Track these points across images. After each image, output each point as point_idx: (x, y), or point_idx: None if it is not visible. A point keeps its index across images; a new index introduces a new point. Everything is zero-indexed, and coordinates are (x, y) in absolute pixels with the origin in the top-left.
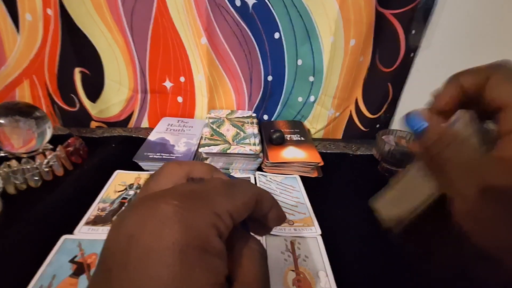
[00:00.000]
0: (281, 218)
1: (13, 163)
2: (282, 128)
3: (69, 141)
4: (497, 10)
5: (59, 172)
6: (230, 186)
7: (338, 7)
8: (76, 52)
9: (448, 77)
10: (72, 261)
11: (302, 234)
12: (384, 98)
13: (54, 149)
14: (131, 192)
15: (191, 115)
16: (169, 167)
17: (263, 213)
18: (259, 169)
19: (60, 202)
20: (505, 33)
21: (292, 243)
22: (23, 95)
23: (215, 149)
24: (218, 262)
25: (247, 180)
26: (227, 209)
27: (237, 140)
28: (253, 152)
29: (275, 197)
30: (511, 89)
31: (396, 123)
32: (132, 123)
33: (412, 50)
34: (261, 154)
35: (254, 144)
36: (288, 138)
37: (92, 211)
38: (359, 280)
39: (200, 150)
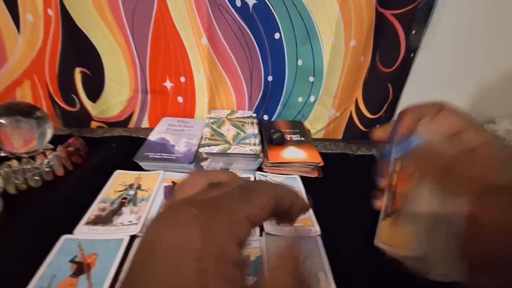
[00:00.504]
0: (304, 209)
1: (14, 163)
2: (282, 128)
3: (69, 141)
4: (497, 10)
5: (60, 172)
6: (248, 190)
7: (339, 8)
8: (77, 53)
9: (447, 78)
10: (72, 261)
11: (302, 234)
12: (385, 99)
13: (54, 149)
14: (131, 192)
15: (191, 115)
16: (193, 176)
17: (284, 210)
18: (259, 169)
19: (61, 202)
20: (505, 34)
21: None
22: (24, 95)
23: (215, 149)
24: (235, 273)
25: (266, 182)
26: (245, 214)
27: (237, 140)
28: (253, 152)
29: None
30: (460, 118)
31: None
32: (132, 123)
33: (412, 50)
34: (261, 154)
35: (254, 144)
36: (288, 138)
37: (92, 211)
38: (359, 280)
39: (201, 150)
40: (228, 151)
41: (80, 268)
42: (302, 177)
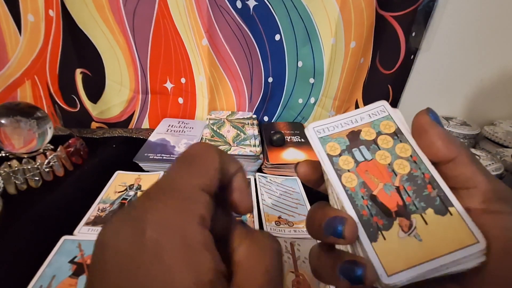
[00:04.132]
0: (246, 184)
1: (14, 163)
2: (282, 129)
3: (69, 141)
4: (496, 13)
5: (60, 172)
6: (189, 159)
7: (339, 9)
8: (78, 53)
9: (447, 80)
10: (71, 261)
11: (302, 235)
12: (385, 100)
13: (54, 150)
14: (131, 193)
15: (191, 116)
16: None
17: (229, 177)
18: (259, 170)
19: (60, 203)
20: (504, 35)
21: (292, 245)
22: (25, 95)
23: None
24: (202, 255)
25: (204, 143)
26: (195, 185)
27: (238, 141)
28: (253, 153)
29: (275, 198)
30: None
31: None
32: (132, 124)
33: (412, 52)
34: (261, 156)
35: (254, 146)
36: (288, 140)
37: (92, 212)
38: None
39: None
40: (228, 152)
41: (80, 268)
42: None
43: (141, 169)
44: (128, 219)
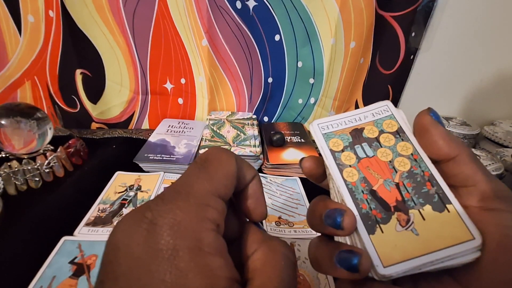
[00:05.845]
0: (261, 191)
1: (14, 163)
2: (282, 130)
3: (69, 142)
4: (496, 13)
5: (60, 173)
6: (205, 163)
7: (339, 9)
8: (78, 54)
9: (447, 80)
10: (72, 262)
11: (302, 236)
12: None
13: (54, 150)
14: (132, 193)
15: (191, 117)
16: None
17: (245, 183)
18: (259, 170)
19: (60, 203)
20: (504, 35)
21: (292, 245)
22: (25, 96)
23: None
24: (216, 262)
25: (221, 148)
26: (211, 191)
27: (238, 141)
28: (253, 154)
29: (275, 198)
30: None
31: None
32: (132, 125)
33: (412, 52)
34: (261, 156)
35: (254, 146)
36: (288, 140)
37: (92, 212)
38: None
39: (201, 151)
40: None
41: (80, 269)
42: (302, 179)
43: (141, 170)
44: (143, 222)
